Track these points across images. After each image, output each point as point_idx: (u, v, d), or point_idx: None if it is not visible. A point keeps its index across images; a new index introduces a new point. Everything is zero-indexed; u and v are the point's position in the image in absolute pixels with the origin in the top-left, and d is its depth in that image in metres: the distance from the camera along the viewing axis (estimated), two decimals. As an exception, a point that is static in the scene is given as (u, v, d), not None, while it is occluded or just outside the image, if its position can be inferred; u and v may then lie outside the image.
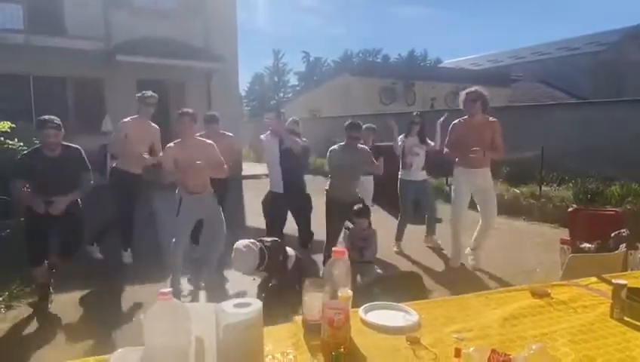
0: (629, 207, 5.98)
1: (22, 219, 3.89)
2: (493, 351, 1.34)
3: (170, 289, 1.18)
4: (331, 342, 1.38)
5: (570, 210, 4.55)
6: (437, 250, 5.69)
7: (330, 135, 14.41)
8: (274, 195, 5.03)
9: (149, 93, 4.99)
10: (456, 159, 4.82)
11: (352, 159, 4.56)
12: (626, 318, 1.67)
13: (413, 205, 5.78)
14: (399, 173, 5.77)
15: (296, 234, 5.37)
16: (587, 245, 3.69)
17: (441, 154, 5.16)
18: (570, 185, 7.85)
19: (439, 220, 6.07)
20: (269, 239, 3.93)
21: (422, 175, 5.73)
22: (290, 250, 4.07)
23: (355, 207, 4.29)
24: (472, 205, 4.91)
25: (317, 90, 23.50)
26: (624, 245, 3.41)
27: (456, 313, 1.72)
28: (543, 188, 7.95)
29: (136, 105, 5.01)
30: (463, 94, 4.72)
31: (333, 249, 1.45)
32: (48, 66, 10.78)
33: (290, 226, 5.41)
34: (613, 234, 3.55)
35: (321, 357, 1.38)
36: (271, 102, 47.46)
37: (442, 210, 6.38)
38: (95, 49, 11.02)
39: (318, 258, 5.01)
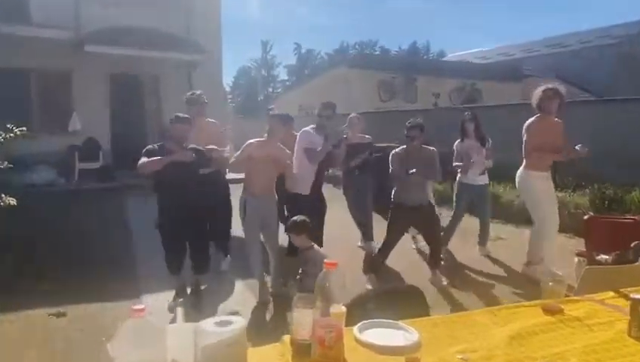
0: (650, 215, 6.03)
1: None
2: (499, 372, 1.36)
3: (143, 306, 1.18)
4: (322, 364, 1.39)
5: (585, 218, 4.58)
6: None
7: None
8: (298, 198, 4.82)
9: (198, 91, 5.48)
10: (532, 162, 4.86)
11: (416, 162, 4.73)
12: (645, 336, 1.68)
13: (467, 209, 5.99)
14: (457, 175, 5.93)
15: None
16: (604, 257, 3.71)
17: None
18: (587, 190, 7.90)
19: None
20: None
21: (482, 179, 5.85)
22: None
23: (291, 220, 3.95)
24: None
25: (309, 85, 23.53)
26: (645, 256, 3.44)
27: (460, 331, 1.73)
28: (557, 194, 7.98)
29: (111, 101, 5.12)
30: (540, 92, 4.79)
31: (325, 261, 1.46)
32: (10, 57, 10.69)
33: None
34: (632, 245, 3.57)
35: (310, 380, 1.38)
36: (259, 98, 47.48)
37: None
38: (63, 38, 10.96)
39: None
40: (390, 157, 4.98)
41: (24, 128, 5.92)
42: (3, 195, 5.40)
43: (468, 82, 21.56)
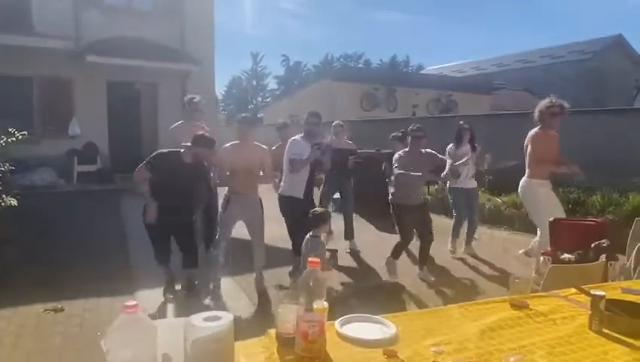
0: (610, 217, 6.12)
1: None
2: (470, 364, 1.36)
3: (135, 303, 1.16)
4: (306, 356, 1.38)
5: (550, 220, 4.63)
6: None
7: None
8: (294, 201, 4.80)
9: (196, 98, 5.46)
10: (534, 171, 4.87)
11: (418, 163, 4.73)
12: (604, 330, 1.71)
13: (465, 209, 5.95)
14: (448, 181, 5.88)
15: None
16: (568, 256, 3.75)
17: None
18: (552, 194, 8.00)
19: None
20: None
21: (472, 183, 5.91)
22: None
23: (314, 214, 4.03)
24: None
25: (297, 95, 23.50)
26: (604, 256, 3.48)
27: (435, 325, 1.74)
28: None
29: (109, 108, 5.03)
30: (545, 107, 4.72)
31: (309, 259, 1.45)
32: (14, 66, 10.56)
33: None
34: (593, 245, 3.61)
35: (294, 372, 1.37)
36: (249, 107, 47.32)
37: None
38: (64, 48, 10.83)
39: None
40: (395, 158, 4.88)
41: (25, 133, 5.83)
42: (4, 196, 5.30)
43: (444, 93, 21.74)
